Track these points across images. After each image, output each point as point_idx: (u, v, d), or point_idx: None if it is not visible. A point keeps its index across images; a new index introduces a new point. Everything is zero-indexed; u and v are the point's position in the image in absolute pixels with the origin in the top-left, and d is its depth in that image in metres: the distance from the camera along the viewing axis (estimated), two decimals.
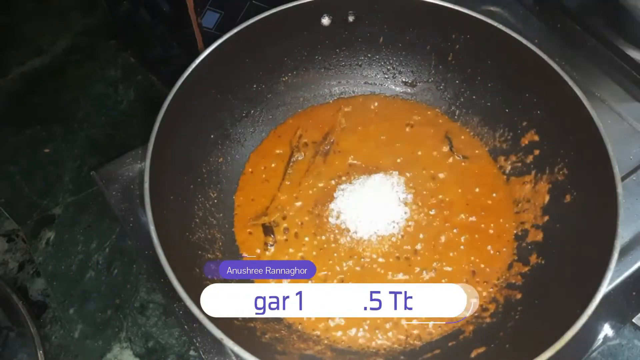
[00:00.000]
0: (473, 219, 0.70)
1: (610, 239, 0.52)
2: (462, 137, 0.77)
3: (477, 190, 0.72)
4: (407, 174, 0.73)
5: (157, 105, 0.60)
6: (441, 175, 0.73)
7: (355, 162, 0.75)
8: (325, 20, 0.73)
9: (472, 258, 0.67)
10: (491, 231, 0.69)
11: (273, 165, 0.75)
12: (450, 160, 0.75)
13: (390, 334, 0.61)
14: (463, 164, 0.75)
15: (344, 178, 0.73)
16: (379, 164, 0.74)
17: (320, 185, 0.73)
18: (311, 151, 0.76)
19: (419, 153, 0.75)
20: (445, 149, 0.75)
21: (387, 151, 0.75)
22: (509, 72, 0.70)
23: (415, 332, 0.61)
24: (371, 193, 0.70)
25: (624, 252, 0.63)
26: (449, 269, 0.66)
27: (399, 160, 0.75)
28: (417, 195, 0.71)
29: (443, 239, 0.68)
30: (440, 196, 0.71)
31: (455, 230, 0.69)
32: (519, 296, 0.61)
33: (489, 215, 0.70)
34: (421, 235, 0.68)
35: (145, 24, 0.99)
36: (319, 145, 0.76)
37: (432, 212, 0.70)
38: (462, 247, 0.68)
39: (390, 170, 0.73)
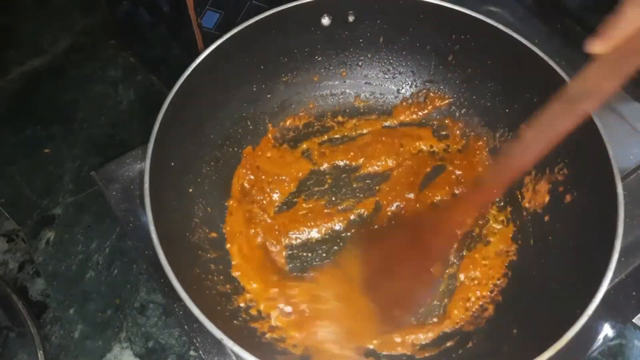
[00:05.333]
0: None
1: (610, 239, 0.52)
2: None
3: None
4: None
5: (157, 105, 0.60)
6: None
7: None
8: (325, 20, 0.73)
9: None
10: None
11: None
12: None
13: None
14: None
15: None
16: None
17: None
18: None
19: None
20: None
21: None
22: (509, 72, 0.70)
23: (415, 332, 0.61)
24: None
25: (624, 252, 0.63)
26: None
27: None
28: None
29: None
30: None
31: None
32: (518, 296, 0.61)
33: None
34: None
35: (145, 24, 0.99)
36: None
37: None
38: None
39: None
